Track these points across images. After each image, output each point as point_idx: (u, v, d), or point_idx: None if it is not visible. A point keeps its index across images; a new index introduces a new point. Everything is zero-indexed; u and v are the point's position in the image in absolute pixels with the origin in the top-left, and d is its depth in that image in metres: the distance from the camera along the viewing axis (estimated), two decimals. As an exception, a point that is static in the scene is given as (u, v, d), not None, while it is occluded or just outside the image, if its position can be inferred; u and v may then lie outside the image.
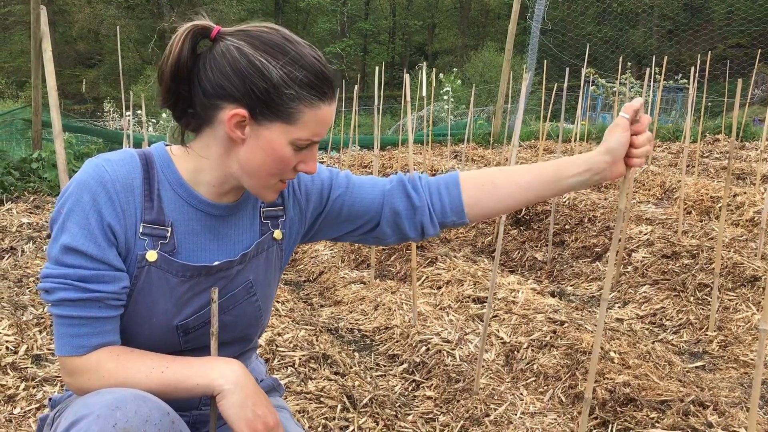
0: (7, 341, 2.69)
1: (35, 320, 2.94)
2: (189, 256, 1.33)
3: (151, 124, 15.77)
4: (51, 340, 2.78)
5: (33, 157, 6.90)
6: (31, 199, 6.00)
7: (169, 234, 1.30)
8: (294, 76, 1.21)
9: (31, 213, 5.35)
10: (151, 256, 1.28)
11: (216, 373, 1.24)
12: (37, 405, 2.28)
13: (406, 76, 3.38)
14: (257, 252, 1.42)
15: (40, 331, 2.86)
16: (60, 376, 2.48)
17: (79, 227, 1.22)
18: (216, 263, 1.34)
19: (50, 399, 1.46)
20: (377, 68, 3.63)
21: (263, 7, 39.60)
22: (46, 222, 5.02)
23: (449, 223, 1.53)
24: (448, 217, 1.52)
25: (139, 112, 11.59)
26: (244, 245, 1.40)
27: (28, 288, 3.39)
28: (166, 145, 1.37)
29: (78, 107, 29.91)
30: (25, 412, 2.23)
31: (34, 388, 2.39)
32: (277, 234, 1.46)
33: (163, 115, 15.99)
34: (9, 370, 2.50)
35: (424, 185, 1.52)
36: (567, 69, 4.70)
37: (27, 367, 2.54)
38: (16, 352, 2.63)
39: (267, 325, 1.68)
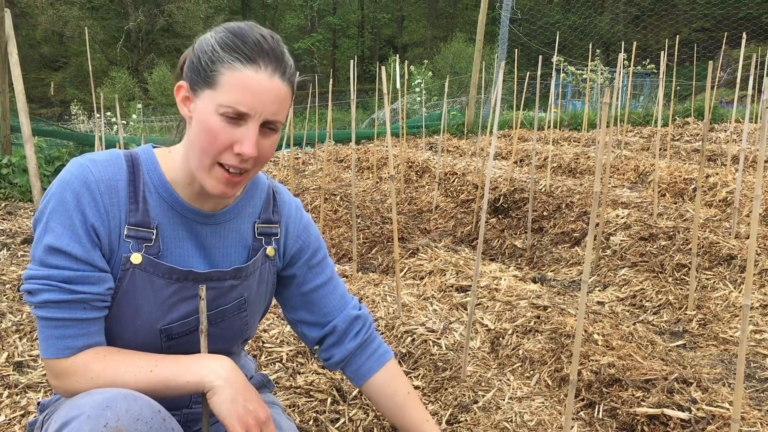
0: (-14, 349, 2.63)
1: (14, 327, 2.89)
2: (176, 260, 1.32)
3: (121, 125, 15.56)
4: (32, 346, 2.74)
5: (3, 163, 6.75)
6: (3, 205, 5.88)
7: (154, 236, 1.28)
8: (222, 40, 1.21)
9: (3, 219, 5.25)
10: (136, 258, 1.26)
11: (206, 369, 1.23)
12: (22, 412, 2.23)
13: (381, 69, 3.37)
14: (253, 269, 1.41)
15: (20, 338, 2.81)
16: (44, 382, 2.44)
17: (64, 227, 1.19)
18: (206, 271, 1.33)
19: (39, 403, 1.44)
20: (352, 62, 3.61)
21: (230, 4, 39.26)
22: (20, 228, 4.92)
23: (345, 373, 1.63)
24: (350, 371, 1.61)
25: (108, 113, 11.42)
26: (232, 259, 1.39)
27: (4, 295, 3.32)
28: (154, 146, 1.35)
29: (45, 111, 29.40)
30: (9, 419, 2.19)
31: (17, 395, 2.34)
32: (270, 251, 1.45)
33: (134, 116, 15.78)
34: (-10, 379, 2.45)
35: (365, 335, 1.60)
36: (540, 57, 4.72)
37: (9, 375, 2.50)
38: (-4, 360, 2.59)
39: (252, 337, 1.71)
